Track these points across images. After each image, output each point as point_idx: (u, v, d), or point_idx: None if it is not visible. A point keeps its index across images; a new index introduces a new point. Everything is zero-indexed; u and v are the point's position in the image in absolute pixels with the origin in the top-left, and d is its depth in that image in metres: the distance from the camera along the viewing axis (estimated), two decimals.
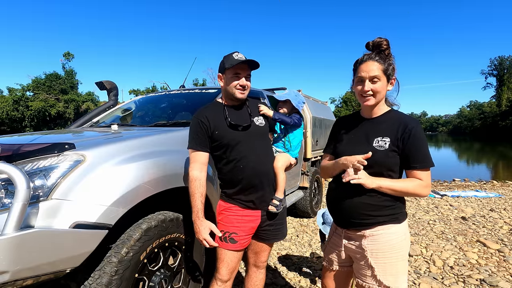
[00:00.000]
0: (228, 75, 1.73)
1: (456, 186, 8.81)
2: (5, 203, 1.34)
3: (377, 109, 1.50)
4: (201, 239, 1.65)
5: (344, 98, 58.74)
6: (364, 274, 1.48)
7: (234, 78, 1.73)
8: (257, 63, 1.73)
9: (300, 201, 4.76)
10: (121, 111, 3.58)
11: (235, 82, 1.73)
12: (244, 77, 1.74)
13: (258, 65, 1.75)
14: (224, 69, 1.72)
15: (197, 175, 1.67)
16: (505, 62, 65.06)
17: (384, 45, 1.44)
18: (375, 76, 1.41)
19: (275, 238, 1.89)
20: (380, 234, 1.44)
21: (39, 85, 32.11)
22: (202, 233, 1.65)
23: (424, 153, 1.39)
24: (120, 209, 1.53)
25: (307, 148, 4.70)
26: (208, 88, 3.41)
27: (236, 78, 1.73)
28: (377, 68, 1.41)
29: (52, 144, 1.54)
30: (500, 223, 4.74)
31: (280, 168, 1.84)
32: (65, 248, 1.36)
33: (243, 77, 1.74)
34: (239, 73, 1.73)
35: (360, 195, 1.44)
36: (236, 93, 1.75)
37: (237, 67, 1.70)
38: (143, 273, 1.73)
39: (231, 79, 1.73)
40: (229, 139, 1.72)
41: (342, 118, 1.70)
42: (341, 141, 1.59)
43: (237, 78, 1.73)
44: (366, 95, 1.44)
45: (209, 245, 1.66)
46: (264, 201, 1.78)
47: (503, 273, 3.03)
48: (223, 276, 1.76)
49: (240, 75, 1.73)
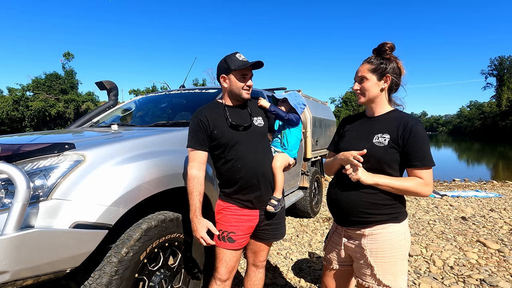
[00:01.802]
0: (235, 77, 1.75)
1: (456, 186, 8.81)
2: (5, 203, 1.35)
3: (379, 108, 1.54)
4: (198, 237, 1.67)
5: (344, 98, 58.80)
6: (364, 273, 1.49)
7: (241, 79, 1.76)
8: (262, 64, 1.77)
9: (300, 201, 4.76)
10: (121, 111, 3.58)
11: (242, 83, 1.76)
12: (250, 78, 1.78)
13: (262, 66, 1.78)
14: (229, 71, 1.74)
15: (195, 174, 1.69)
16: (505, 62, 65.04)
17: (384, 48, 1.49)
18: (363, 76, 1.52)
19: (274, 237, 1.89)
20: (379, 233, 1.44)
21: (39, 85, 32.10)
22: (199, 231, 1.66)
23: (425, 151, 1.40)
24: (120, 209, 1.53)
25: (307, 148, 4.70)
26: (208, 88, 3.41)
27: (243, 80, 1.76)
28: (366, 68, 1.51)
29: (52, 144, 1.54)
30: (500, 223, 4.74)
31: (278, 168, 1.84)
32: (65, 248, 1.36)
33: (249, 78, 1.78)
34: (246, 74, 1.76)
35: (359, 193, 1.46)
36: (243, 94, 1.78)
37: (244, 69, 1.73)
38: (143, 273, 1.73)
39: (238, 80, 1.75)
40: (228, 138, 1.73)
41: (347, 117, 1.75)
42: (343, 138, 1.64)
43: (244, 79, 1.76)
44: (357, 94, 1.56)
45: (206, 243, 1.67)
46: (262, 201, 1.79)
47: (503, 273, 3.03)
48: (222, 276, 1.77)
49: (247, 76, 1.77)
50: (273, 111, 1.93)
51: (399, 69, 1.52)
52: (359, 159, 1.39)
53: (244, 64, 1.72)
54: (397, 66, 1.51)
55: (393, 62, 1.50)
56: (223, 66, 1.77)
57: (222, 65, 1.77)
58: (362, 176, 1.39)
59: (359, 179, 1.39)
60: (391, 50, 1.50)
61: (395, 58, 1.51)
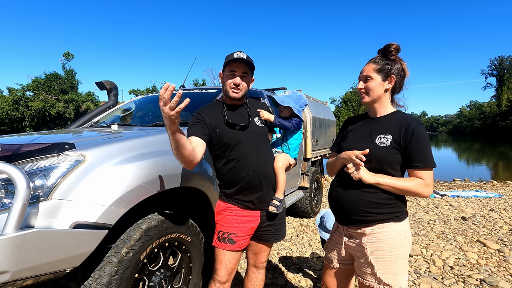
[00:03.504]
0: (226, 73, 1.74)
1: (456, 186, 8.81)
2: (5, 203, 1.34)
3: (382, 109, 1.55)
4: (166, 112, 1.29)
5: (344, 98, 58.77)
6: (365, 272, 1.49)
7: (229, 76, 1.72)
8: (250, 62, 1.69)
9: (300, 201, 4.76)
10: (121, 111, 3.58)
11: (230, 80, 1.72)
12: (239, 76, 1.71)
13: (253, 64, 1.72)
14: (224, 67, 1.73)
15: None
16: (505, 62, 65.07)
17: (390, 49, 1.49)
18: (368, 76, 1.51)
19: (275, 238, 1.89)
20: (380, 232, 1.45)
21: (39, 85, 32.10)
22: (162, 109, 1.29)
23: (426, 152, 1.41)
24: (120, 209, 1.53)
25: (307, 148, 4.70)
26: (208, 88, 3.41)
27: (231, 76, 1.72)
28: (371, 68, 1.51)
29: (52, 144, 1.54)
30: (500, 223, 4.74)
31: (280, 168, 1.84)
32: (65, 248, 1.36)
33: (238, 76, 1.71)
34: (234, 71, 1.71)
35: (360, 192, 1.47)
36: (230, 92, 1.73)
37: (233, 65, 1.69)
38: (143, 273, 1.73)
39: (227, 77, 1.73)
40: (229, 138, 1.71)
41: (350, 118, 1.76)
42: (346, 138, 1.64)
43: (232, 76, 1.72)
44: (361, 93, 1.56)
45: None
46: (263, 202, 1.78)
47: (503, 273, 3.03)
48: (221, 278, 1.74)
49: (236, 73, 1.71)
50: (278, 124, 1.91)
51: (404, 71, 1.53)
52: (362, 158, 1.39)
53: (230, 58, 1.66)
54: (401, 67, 1.51)
55: (398, 63, 1.50)
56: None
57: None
58: (363, 175, 1.40)
59: (361, 178, 1.40)
60: (397, 52, 1.50)
61: (400, 60, 1.51)
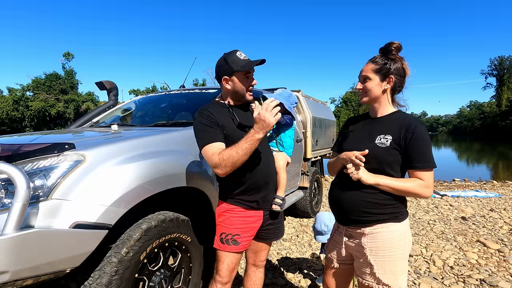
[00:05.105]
0: (238, 78, 1.65)
1: (456, 186, 8.81)
2: (5, 203, 1.35)
3: (382, 109, 1.54)
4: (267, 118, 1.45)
5: (344, 98, 58.88)
6: (364, 272, 1.49)
7: (245, 80, 1.66)
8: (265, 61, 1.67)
9: (300, 201, 4.75)
10: (121, 111, 3.58)
11: (247, 84, 1.68)
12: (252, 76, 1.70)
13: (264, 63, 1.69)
14: (233, 72, 1.63)
15: (220, 152, 1.53)
16: (505, 62, 65.07)
17: (391, 47, 1.48)
18: (366, 76, 1.51)
19: (275, 237, 1.90)
20: (379, 232, 1.45)
21: (39, 85, 32.14)
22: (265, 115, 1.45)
23: (426, 153, 1.40)
24: (120, 209, 1.53)
25: (307, 148, 4.70)
26: (208, 88, 3.42)
27: (247, 80, 1.67)
28: (370, 68, 1.50)
29: (52, 144, 1.54)
30: (500, 223, 4.74)
31: (282, 167, 1.86)
32: (65, 248, 1.36)
33: (252, 77, 1.70)
34: (249, 73, 1.68)
35: (360, 193, 1.47)
36: (247, 96, 1.70)
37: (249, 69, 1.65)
38: (143, 273, 1.73)
39: (242, 81, 1.66)
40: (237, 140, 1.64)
41: (351, 118, 1.76)
42: (347, 138, 1.64)
43: (248, 80, 1.67)
44: (360, 93, 1.56)
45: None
46: (267, 201, 1.78)
47: (503, 273, 3.03)
48: (223, 278, 1.73)
49: (250, 75, 1.69)
50: None
51: (404, 70, 1.50)
52: (361, 158, 1.39)
53: (247, 65, 1.61)
54: (401, 67, 1.49)
55: (398, 62, 1.48)
56: (224, 67, 1.65)
57: (223, 66, 1.65)
58: (363, 176, 1.40)
59: (360, 178, 1.40)
60: (397, 51, 1.48)
61: (400, 59, 1.49)
